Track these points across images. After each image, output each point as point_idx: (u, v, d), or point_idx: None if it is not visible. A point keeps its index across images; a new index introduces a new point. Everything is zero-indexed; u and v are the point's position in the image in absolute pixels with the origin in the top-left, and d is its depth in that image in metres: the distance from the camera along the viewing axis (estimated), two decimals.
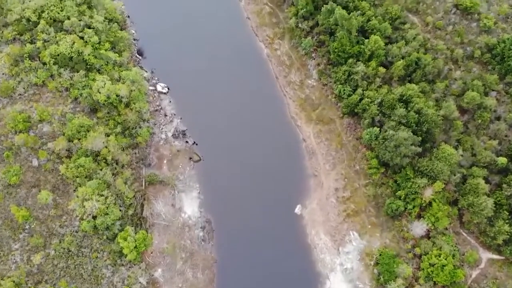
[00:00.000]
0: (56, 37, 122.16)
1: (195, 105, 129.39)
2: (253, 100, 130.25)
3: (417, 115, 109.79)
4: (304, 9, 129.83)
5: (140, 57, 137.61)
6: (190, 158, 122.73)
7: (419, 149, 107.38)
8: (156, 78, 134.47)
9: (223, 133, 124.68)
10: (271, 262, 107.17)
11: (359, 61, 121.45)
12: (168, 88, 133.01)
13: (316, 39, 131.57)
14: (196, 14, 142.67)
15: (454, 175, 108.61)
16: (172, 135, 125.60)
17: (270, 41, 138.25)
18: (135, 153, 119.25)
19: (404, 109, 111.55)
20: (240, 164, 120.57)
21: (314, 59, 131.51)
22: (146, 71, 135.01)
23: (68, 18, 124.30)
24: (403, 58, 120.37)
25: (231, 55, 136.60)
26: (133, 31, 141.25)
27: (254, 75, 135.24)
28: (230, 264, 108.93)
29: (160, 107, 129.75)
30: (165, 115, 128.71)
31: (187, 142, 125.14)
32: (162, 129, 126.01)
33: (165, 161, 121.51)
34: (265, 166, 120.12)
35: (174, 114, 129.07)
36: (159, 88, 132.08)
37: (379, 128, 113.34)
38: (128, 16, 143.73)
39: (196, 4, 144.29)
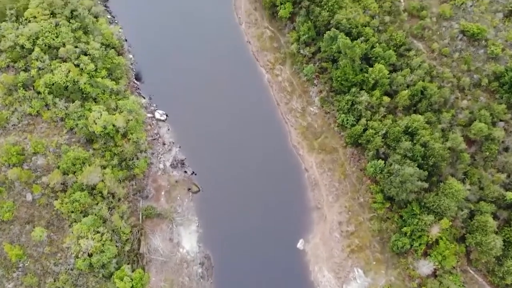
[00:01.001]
0: (51, 64, 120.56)
1: (194, 133, 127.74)
2: (254, 128, 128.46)
3: (423, 149, 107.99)
4: (306, 35, 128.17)
5: (138, 83, 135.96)
6: (189, 189, 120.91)
7: (426, 185, 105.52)
8: (155, 105, 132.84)
9: (223, 162, 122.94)
10: None
11: (363, 89, 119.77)
12: (167, 115, 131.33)
13: (318, 66, 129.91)
14: (195, 38, 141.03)
15: (462, 210, 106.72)
16: (171, 164, 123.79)
17: (271, 66, 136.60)
18: (132, 185, 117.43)
19: (410, 142, 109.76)
20: (241, 195, 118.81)
21: (316, 85, 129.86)
22: (144, 97, 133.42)
23: (64, 45, 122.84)
24: (408, 86, 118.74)
25: (232, 80, 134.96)
26: (131, 56, 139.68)
27: (255, 101, 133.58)
28: None
29: (158, 135, 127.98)
30: (164, 144, 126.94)
31: (185, 172, 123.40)
32: (160, 158, 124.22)
33: (163, 193, 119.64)
34: (266, 198, 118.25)
35: (173, 143, 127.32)
36: (157, 115, 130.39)
37: (383, 161, 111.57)
38: (126, 40, 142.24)
39: (196, 28, 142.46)
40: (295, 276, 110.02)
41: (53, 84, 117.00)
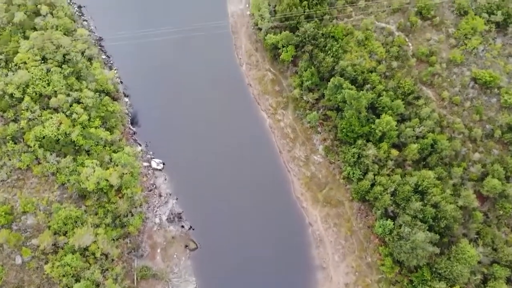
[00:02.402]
0: (41, 115, 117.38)
1: (193, 183, 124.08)
2: (256, 177, 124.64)
3: (434, 210, 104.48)
4: (309, 81, 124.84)
5: (133, 129, 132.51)
6: (186, 246, 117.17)
7: (437, 250, 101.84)
8: (151, 153, 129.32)
9: (222, 216, 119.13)
10: None
11: (369, 141, 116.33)
12: (164, 164, 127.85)
13: (322, 113, 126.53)
14: (194, 80, 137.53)
15: (474, 275, 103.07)
16: (167, 218, 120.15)
17: (273, 111, 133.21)
18: (127, 243, 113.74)
19: (420, 201, 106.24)
20: (241, 253, 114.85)
21: (320, 133, 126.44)
22: (140, 145, 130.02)
23: (55, 93, 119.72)
24: (417, 138, 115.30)
25: (232, 126, 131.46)
26: (126, 99, 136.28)
27: (256, 148, 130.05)
28: None
29: (154, 186, 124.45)
30: (160, 196, 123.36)
31: (183, 226, 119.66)
32: (156, 212, 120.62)
33: (158, 250, 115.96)
34: (268, 255, 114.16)
35: (170, 194, 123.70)
36: (154, 164, 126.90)
37: (393, 221, 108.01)
38: (121, 82, 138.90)
39: (195, 69, 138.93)
40: None
41: (43, 138, 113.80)
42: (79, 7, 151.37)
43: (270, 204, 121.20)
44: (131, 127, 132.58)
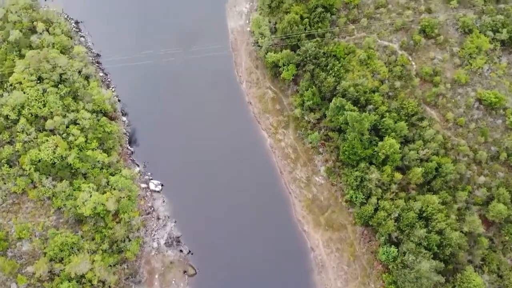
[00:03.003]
0: (37, 137, 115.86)
1: (191, 205, 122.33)
2: (256, 199, 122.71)
3: (439, 237, 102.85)
4: (310, 101, 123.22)
5: (131, 149, 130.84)
6: (185, 272, 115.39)
7: (442, 279, 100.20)
8: (149, 173, 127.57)
9: (222, 239, 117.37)
10: None
11: (373, 164, 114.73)
12: (162, 185, 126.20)
13: (323, 133, 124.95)
14: (193, 98, 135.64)
15: None
16: (165, 242, 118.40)
17: (274, 130, 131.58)
18: (124, 269, 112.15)
19: (425, 228, 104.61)
20: (241, 278, 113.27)
21: (322, 154, 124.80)
22: (138, 165, 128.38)
23: (51, 114, 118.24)
24: (421, 161, 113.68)
25: (232, 145, 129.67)
26: (124, 119, 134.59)
27: (257, 169, 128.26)
28: None
29: (152, 208, 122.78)
30: (158, 219, 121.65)
31: (181, 251, 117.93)
32: (154, 235, 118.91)
33: (156, 276, 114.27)
34: (269, 282, 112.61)
35: (168, 217, 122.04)
36: (152, 186, 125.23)
37: (397, 248, 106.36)
38: (119, 100, 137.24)
39: (194, 87, 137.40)
40: None
41: (39, 161, 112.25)
42: (76, 22, 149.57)
43: (271, 227, 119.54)
44: (129, 147, 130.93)
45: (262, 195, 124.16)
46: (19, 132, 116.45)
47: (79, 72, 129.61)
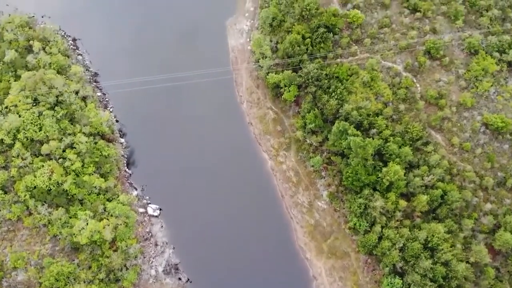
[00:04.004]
0: (33, 162, 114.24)
1: (190, 230, 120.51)
2: (256, 225, 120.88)
3: (444, 269, 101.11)
4: (313, 124, 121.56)
5: (129, 171, 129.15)
6: None
7: None
8: (147, 197, 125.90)
9: (221, 267, 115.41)
10: None
11: (376, 190, 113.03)
12: (161, 209, 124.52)
13: (326, 156, 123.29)
14: (193, 119, 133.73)
15: None
16: (163, 270, 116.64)
17: (275, 152, 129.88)
18: None
19: (430, 259, 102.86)
20: None
21: (324, 178, 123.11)
22: (135, 189, 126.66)
23: (47, 138, 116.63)
24: (426, 188, 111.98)
25: (232, 168, 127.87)
26: (122, 140, 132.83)
27: (257, 193, 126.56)
28: None
29: (150, 234, 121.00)
30: (156, 245, 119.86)
31: (180, 279, 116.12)
32: (152, 263, 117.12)
33: None
34: None
35: (166, 243, 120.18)
36: (150, 210, 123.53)
37: (401, 278, 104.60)
38: (117, 121, 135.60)
39: (193, 107, 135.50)
40: None
41: (34, 187, 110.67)
42: (74, 40, 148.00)
43: (272, 254, 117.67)
44: (127, 169, 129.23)
45: (262, 220, 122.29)
46: (14, 157, 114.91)
47: (76, 93, 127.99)
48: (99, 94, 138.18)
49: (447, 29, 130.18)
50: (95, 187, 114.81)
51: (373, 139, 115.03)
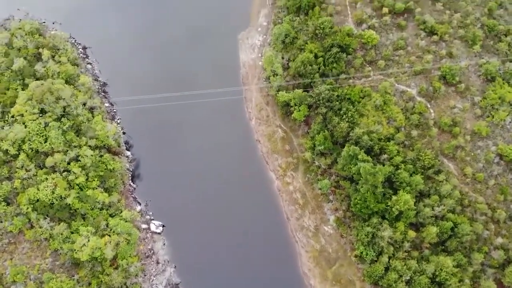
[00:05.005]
0: (36, 174, 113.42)
1: (192, 249, 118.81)
2: (261, 247, 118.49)
3: None
4: (322, 146, 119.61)
5: (134, 185, 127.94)
6: None
7: None
8: (151, 213, 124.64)
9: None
10: None
11: (385, 218, 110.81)
12: (163, 226, 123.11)
13: (334, 179, 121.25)
14: (200, 135, 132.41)
15: None
16: None
17: (282, 172, 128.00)
18: None
19: None
20: None
21: (332, 202, 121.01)
22: (139, 203, 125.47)
23: (52, 150, 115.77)
24: (436, 218, 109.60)
25: (238, 186, 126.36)
26: (128, 153, 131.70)
27: (262, 213, 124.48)
28: None
29: (152, 251, 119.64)
30: (157, 263, 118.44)
31: None
32: (152, 281, 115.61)
33: None
34: None
35: (168, 262, 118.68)
36: (153, 227, 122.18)
37: None
38: (124, 133, 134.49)
39: (201, 123, 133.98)
40: None
41: (37, 201, 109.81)
42: (84, 48, 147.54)
43: (276, 279, 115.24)
44: (131, 183, 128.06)
45: (267, 242, 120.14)
46: (18, 168, 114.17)
47: (84, 104, 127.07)
48: (107, 105, 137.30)
49: (464, 53, 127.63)
50: (98, 202, 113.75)
51: (383, 165, 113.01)
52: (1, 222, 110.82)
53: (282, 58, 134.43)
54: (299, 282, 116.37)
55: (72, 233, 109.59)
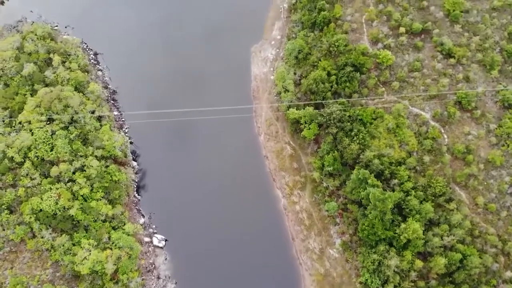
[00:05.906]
0: (41, 183, 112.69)
1: (195, 266, 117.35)
2: (264, 268, 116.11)
3: None
4: (331, 167, 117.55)
5: (138, 197, 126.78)
6: None
7: None
8: (154, 226, 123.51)
9: None
10: None
11: (392, 245, 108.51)
12: (166, 240, 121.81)
13: (342, 201, 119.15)
14: (207, 148, 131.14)
15: None
16: None
17: (289, 191, 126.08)
18: None
19: None
20: None
21: (339, 225, 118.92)
22: (143, 216, 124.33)
23: (58, 159, 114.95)
24: (445, 249, 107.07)
25: (243, 203, 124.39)
26: (135, 164, 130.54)
27: (267, 233, 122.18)
28: None
29: (153, 265, 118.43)
30: (158, 278, 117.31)
31: None
32: None
33: None
34: None
35: (169, 277, 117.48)
36: (155, 241, 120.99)
37: None
38: (131, 142, 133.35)
39: (209, 137, 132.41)
40: None
41: (40, 211, 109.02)
42: (95, 54, 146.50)
43: None
44: (136, 195, 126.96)
45: (271, 263, 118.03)
46: (23, 176, 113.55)
47: (92, 112, 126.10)
48: (115, 113, 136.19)
49: (481, 78, 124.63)
50: (101, 214, 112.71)
51: (393, 190, 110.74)
52: (3, 230, 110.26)
53: (294, 73, 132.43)
54: None
55: (73, 245, 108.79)
